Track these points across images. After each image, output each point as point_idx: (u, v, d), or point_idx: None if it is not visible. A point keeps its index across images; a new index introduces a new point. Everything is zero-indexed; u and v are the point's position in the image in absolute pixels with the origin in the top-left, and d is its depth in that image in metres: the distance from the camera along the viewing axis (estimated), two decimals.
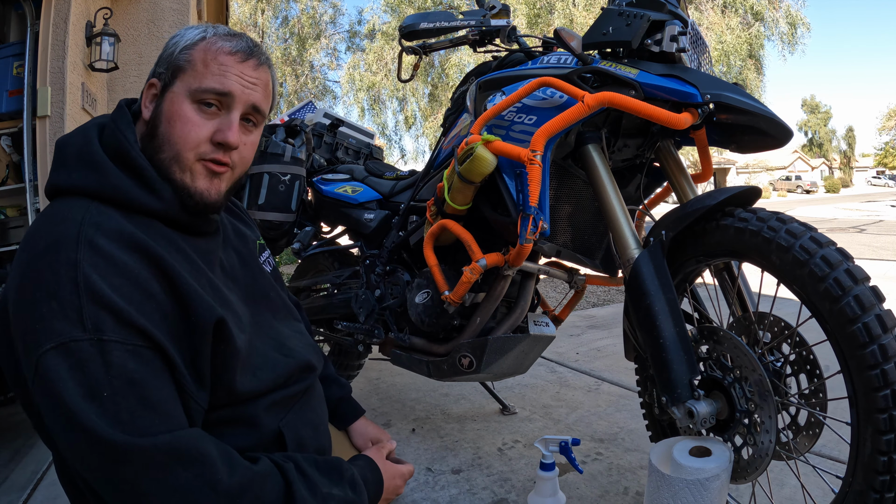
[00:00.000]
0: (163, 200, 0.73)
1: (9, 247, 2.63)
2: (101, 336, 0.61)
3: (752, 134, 1.19)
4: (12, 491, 1.60)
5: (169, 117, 0.75)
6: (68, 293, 0.62)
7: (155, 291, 0.67)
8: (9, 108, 2.60)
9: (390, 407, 2.16)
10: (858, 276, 0.89)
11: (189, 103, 0.75)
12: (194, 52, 0.76)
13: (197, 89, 0.75)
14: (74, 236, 0.65)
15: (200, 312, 0.69)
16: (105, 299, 0.62)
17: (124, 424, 0.60)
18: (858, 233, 9.10)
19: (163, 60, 0.78)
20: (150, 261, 0.68)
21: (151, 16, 3.29)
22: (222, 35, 0.79)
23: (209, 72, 0.75)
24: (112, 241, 0.66)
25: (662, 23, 1.17)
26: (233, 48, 0.77)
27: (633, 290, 1.10)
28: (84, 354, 0.60)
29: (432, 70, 15.61)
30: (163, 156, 0.75)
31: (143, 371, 0.63)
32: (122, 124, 0.76)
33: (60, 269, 0.63)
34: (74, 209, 0.69)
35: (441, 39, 1.60)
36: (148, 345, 0.64)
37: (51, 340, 0.60)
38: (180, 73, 0.76)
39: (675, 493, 0.92)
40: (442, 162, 1.60)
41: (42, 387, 0.61)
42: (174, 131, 0.75)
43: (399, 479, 0.91)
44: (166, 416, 0.63)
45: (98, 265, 0.64)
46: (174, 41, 0.79)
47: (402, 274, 1.65)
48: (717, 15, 12.95)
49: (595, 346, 2.97)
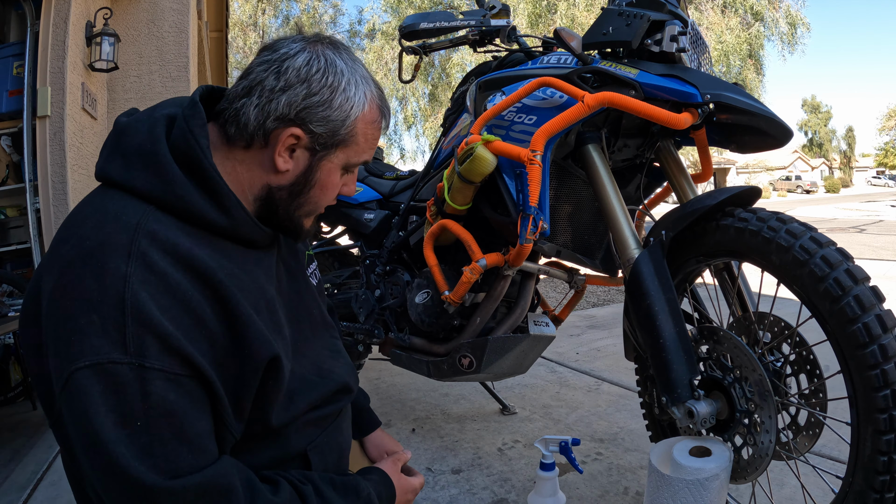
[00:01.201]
0: (231, 217, 0.69)
1: (9, 247, 2.63)
2: (143, 362, 0.57)
3: (752, 134, 1.19)
4: (12, 491, 1.60)
5: (324, 185, 0.75)
6: (113, 309, 0.57)
7: (206, 317, 0.62)
8: (9, 108, 2.61)
9: (390, 407, 2.16)
10: (858, 276, 0.89)
11: (340, 171, 0.76)
12: (359, 126, 0.74)
13: (355, 164, 0.77)
14: (126, 245, 0.60)
15: (255, 347, 0.66)
16: (152, 322, 0.58)
17: (155, 458, 0.57)
18: (858, 233, 9.10)
19: (324, 120, 0.71)
20: (205, 283, 0.63)
21: (151, 16, 3.29)
22: (381, 107, 0.77)
23: (367, 148, 0.77)
24: (167, 255, 0.61)
25: (662, 23, 1.17)
26: (384, 125, 0.78)
27: (633, 290, 1.10)
28: (122, 378, 0.56)
29: (432, 70, 15.61)
30: (302, 211, 0.77)
31: (182, 403, 0.59)
32: (195, 125, 0.69)
33: (107, 280, 0.58)
34: (129, 210, 0.63)
35: (441, 39, 1.60)
36: (191, 374, 0.60)
37: (87, 357, 0.56)
38: (343, 145, 0.74)
39: (674, 493, 0.92)
40: (442, 162, 1.60)
41: (71, 403, 0.57)
42: (324, 196, 0.77)
43: (410, 493, 0.89)
44: (200, 450, 0.60)
45: (149, 282, 0.59)
46: (343, 104, 0.72)
47: (402, 274, 1.64)
48: (717, 15, 12.94)
49: (595, 346, 2.97)
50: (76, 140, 2.68)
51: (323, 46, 0.73)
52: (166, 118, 0.70)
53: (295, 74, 0.70)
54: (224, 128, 0.72)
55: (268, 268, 0.77)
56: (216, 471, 0.61)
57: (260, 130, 0.70)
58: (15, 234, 2.64)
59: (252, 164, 0.73)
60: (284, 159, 0.72)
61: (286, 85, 0.70)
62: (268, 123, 0.70)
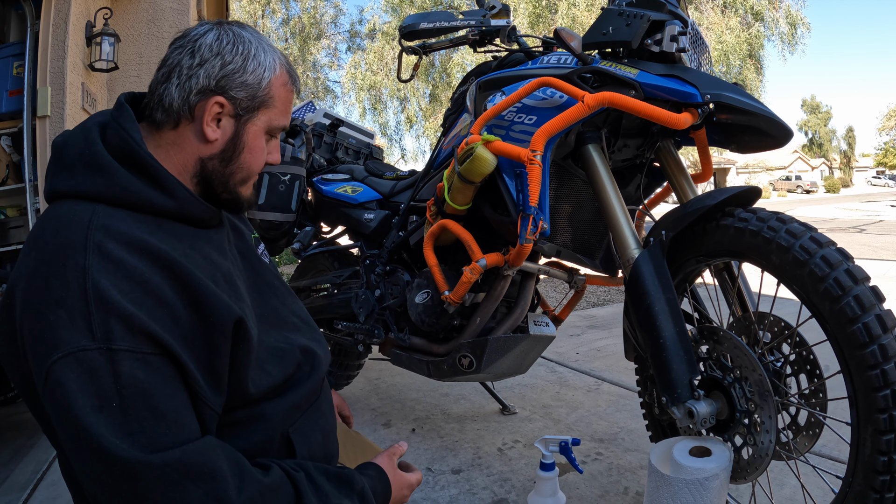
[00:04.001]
0: (176, 199, 0.73)
1: (9, 247, 2.63)
2: (110, 345, 0.60)
3: (752, 134, 1.19)
4: (12, 491, 1.60)
5: (251, 148, 0.79)
6: (76, 301, 0.60)
7: (167, 296, 0.65)
8: (9, 108, 2.61)
9: (390, 407, 2.16)
10: (858, 276, 0.89)
11: (264, 135, 0.81)
12: (274, 88, 0.79)
13: (276, 127, 0.81)
14: (82, 241, 0.63)
15: (219, 313, 0.69)
16: (114, 305, 0.61)
17: (134, 436, 0.59)
18: (858, 233, 9.10)
19: (242, 85, 0.77)
20: (161, 265, 0.66)
21: (151, 16, 3.29)
22: (288, 69, 0.82)
23: (284, 111, 0.81)
24: (121, 244, 0.65)
25: (662, 23, 1.17)
26: (295, 89, 0.83)
27: (633, 290, 1.10)
28: (93, 364, 0.59)
29: (433, 70, 15.61)
30: (236, 178, 0.79)
31: (153, 380, 0.61)
32: (125, 123, 0.74)
33: (68, 276, 0.61)
34: (80, 211, 0.67)
35: (441, 39, 1.60)
36: (158, 352, 0.63)
37: (59, 350, 0.59)
38: (263, 108, 0.79)
39: (674, 493, 0.92)
40: (442, 162, 1.60)
41: (52, 397, 0.59)
42: (254, 160, 0.80)
43: (407, 489, 0.90)
44: (177, 425, 0.62)
45: (107, 270, 0.62)
46: (259, 70, 0.78)
47: (402, 274, 1.64)
48: (717, 15, 12.94)
49: (595, 346, 2.97)
50: None
51: (228, 25, 0.80)
52: (98, 125, 0.75)
53: (208, 49, 0.76)
54: (152, 117, 0.77)
55: (219, 244, 0.80)
56: (199, 448, 0.62)
57: (185, 106, 0.75)
58: (15, 234, 2.63)
59: (183, 142, 0.77)
60: (213, 129, 0.77)
61: (202, 60, 0.76)
62: (191, 98, 0.75)
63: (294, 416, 0.82)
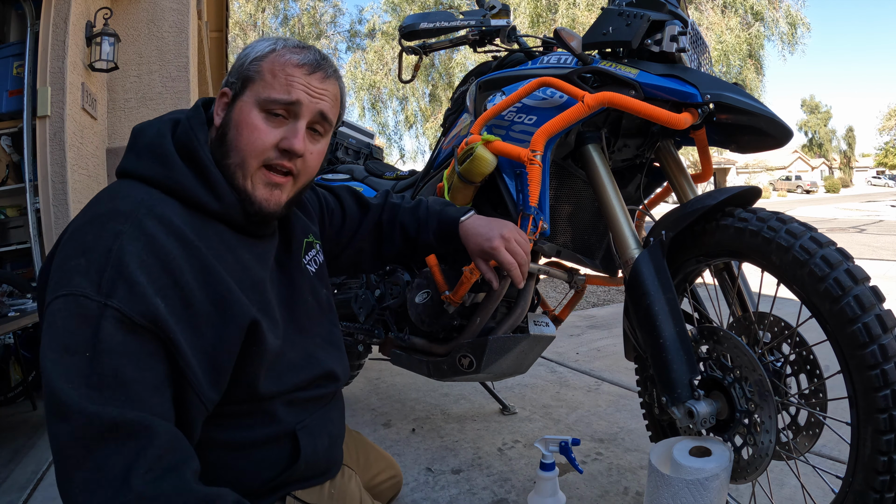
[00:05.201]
0: (222, 202, 0.76)
1: (9, 247, 2.63)
2: (107, 301, 0.62)
3: (752, 134, 1.19)
4: (12, 491, 1.60)
5: (237, 124, 0.78)
6: (99, 255, 0.64)
7: (184, 280, 0.67)
8: (9, 108, 2.61)
9: (390, 407, 2.16)
10: (858, 275, 0.88)
11: (257, 112, 0.78)
12: (263, 63, 0.79)
13: (266, 99, 0.78)
14: (127, 213, 0.68)
15: (235, 311, 0.71)
16: (128, 270, 0.63)
17: (90, 389, 0.59)
18: (858, 233, 9.10)
19: (234, 70, 0.81)
20: (189, 252, 0.69)
21: (151, 16, 3.29)
22: (291, 48, 0.81)
23: (277, 82, 0.78)
24: (160, 224, 0.68)
25: (662, 23, 1.16)
26: (300, 60, 0.80)
27: (633, 290, 1.10)
28: (86, 311, 0.61)
29: (433, 70, 15.61)
30: (229, 161, 0.78)
31: (130, 348, 0.62)
32: (195, 123, 0.79)
33: (103, 235, 0.65)
34: (136, 190, 0.72)
35: (441, 39, 1.59)
36: (149, 326, 0.63)
37: (66, 289, 0.63)
38: (250, 83, 0.79)
39: (674, 493, 0.92)
40: (442, 162, 1.60)
41: (42, 328, 0.63)
42: (241, 138, 0.77)
43: None
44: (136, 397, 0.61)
45: (137, 239, 0.66)
46: (245, 53, 0.82)
47: (401, 274, 1.64)
48: (717, 15, 12.94)
49: (595, 346, 2.97)
50: (76, 140, 2.68)
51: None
52: (172, 121, 0.81)
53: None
54: None
55: (260, 255, 0.82)
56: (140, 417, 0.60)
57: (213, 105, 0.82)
58: (15, 234, 2.64)
59: None
60: (219, 116, 0.80)
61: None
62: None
63: (302, 417, 0.83)
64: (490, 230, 1.06)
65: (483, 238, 1.05)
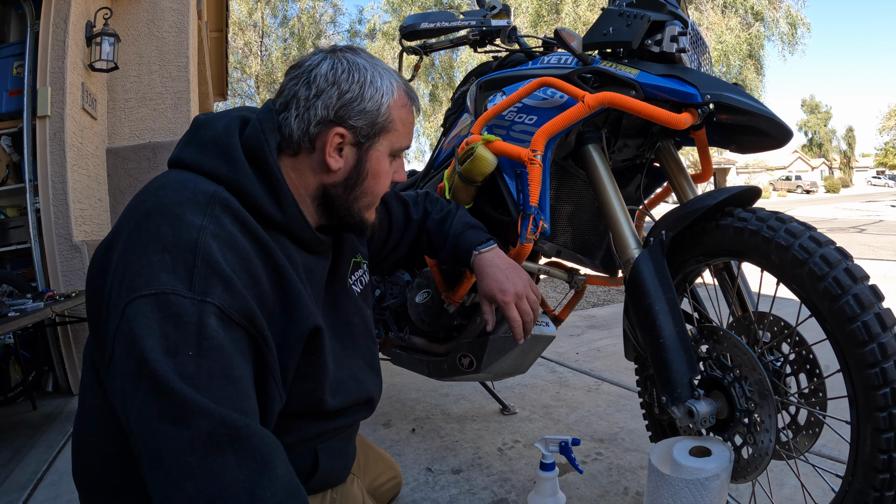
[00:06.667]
0: (285, 214, 0.74)
1: (9, 247, 2.63)
2: (205, 298, 0.60)
3: (752, 134, 1.19)
4: (12, 491, 1.60)
5: (375, 174, 0.80)
6: (185, 251, 0.61)
7: (262, 280, 0.67)
8: (9, 108, 2.61)
9: (390, 407, 2.16)
10: (858, 274, 0.89)
11: (388, 159, 0.82)
12: (393, 112, 0.79)
13: (399, 149, 0.82)
14: (204, 205, 0.65)
15: (302, 314, 0.70)
16: (219, 267, 0.62)
17: (200, 389, 0.56)
18: (858, 233, 9.11)
19: (361, 113, 0.77)
20: (265, 253, 0.69)
21: (151, 16, 3.29)
22: (408, 92, 0.83)
23: (406, 133, 0.82)
24: (237, 222, 0.67)
25: (662, 23, 1.17)
26: (415, 107, 0.84)
27: (633, 290, 1.10)
28: (183, 310, 0.58)
29: (433, 70, 15.60)
30: (360, 203, 0.81)
31: (231, 345, 0.61)
32: (266, 127, 0.75)
33: (183, 228, 0.62)
34: (206, 184, 0.69)
35: (441, 40, 1.60)
36: (243, 323, 0.63)
37: (151, 287, 0.59)
38: (384, 132, 0.79)
39: (675, 493, 0.93)
40: (442, 162, 1.60)
41: (125, 332, 0.58)
42: (378, 185, 0.81)
43: None
44: (245, 395, 0.60)
45: (219, 237, 0.64)
46: (374, 95, 0.77)
47: (402, 274, 1.65)
48: (717, 15, 12.95)
49: (595, 346, 2.97)
50: (76, 140, 2.68)
51: (342, 52, 0.79)
52: (240, 118, 0.77)
53: (324, 80, 0.76)
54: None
55: (312, 272, 0.80)
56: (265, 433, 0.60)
57: (305, 137, 0.76)
58: (15, 234, 2.64)
59: (303, 169, 0.78)
60: (335, 159, 0.77)
61: (318, 91, 0.76)
62: (311, 129, 0.76)
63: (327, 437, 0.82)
64: (507, 281, 1.02)
65: (497, 288, 1.02)
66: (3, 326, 1.73)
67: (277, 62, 19.22)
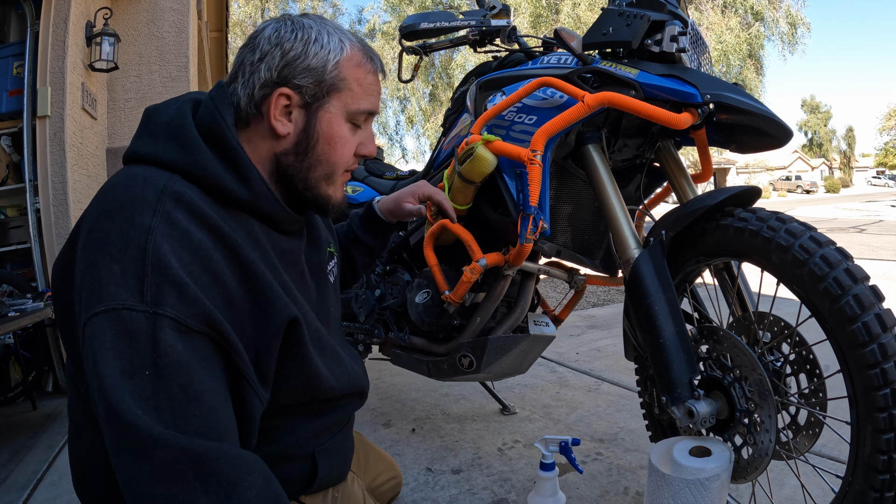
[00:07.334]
0: (252, 191, 0.70)
1: (9, 247, 2.63)
2: (157, 310, 0.56)
3: (752, 134, 1.19)
4: (12, 491, 1.60)
5: (329, 138, 0.74)
6: (133, 259, 0.57)
7: (225, 277, 0.62)
8: (9, 108, 2.61)
9: (390, 407, 2.16)
10: (858, 275, 0.89)
11: (345, 123, 0.76)
12: (344, 70, 0.74)
13: (356, 111, 0.76)
14: (152, 203, 0.61)
15: (275, 307, 0.66)
16: (171, 272, 0.57)
17: (161, 411, 0.54)
18: (858, 233, 9.10)
19: (305, 71, 0.73)
20: (225, 245, 0.64)
21: (151, 16, 3.29)
22: (361, 48, 0.77)
23: (364, 92, 0.76)
24: (191, 216, 0.62)
25: (662, 23, 1.17)
26: (374, 67, 0.78)
27: (633, 290, 1.10)
28: (135, 326, 0.55)
29: (433, 70, 15.60)
30: (315, 173, 0.75)
31: (191, 357, 0.57)
32: (220, 103, 0.72)
33: (131, 233, 0.58)
34: (156, 176, 0.64)
35: (441, 39, 1.59)
36: (205, 330, 0.59)
37: (103, 303, 0.56)
38: (335, 92, 0.74)
39: (675, 493, 0.92)
40: (442, 162, 1.60)
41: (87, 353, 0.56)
42: (335, 152, 0.75)
43: None
44: (209, 410, 0.57)
45: (171, 236, 0.59)
46: (319, 52, 0.73)
47: (402, 274, 1.65)
48: (717, 15, 12.94)
49: (595, 346, 2.97)
50: (76, 140, 2.68)
51: (290, 16, 0.76)
52: (192, 101, 0.74)
53: (267, 42, 0.73)
54: None
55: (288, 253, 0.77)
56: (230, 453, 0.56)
57: (251, 104, 0.73)
58: (15, 234, 2.64)
59: (255, 139, 0.74)
60: (283, 123, 0.74)
61: (262, 54, 0.73)
62: (255, 94, 0.72)
63: (323, 437, 0.80)
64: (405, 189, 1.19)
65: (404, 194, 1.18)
66: (3, 326, 1.73)
67: None
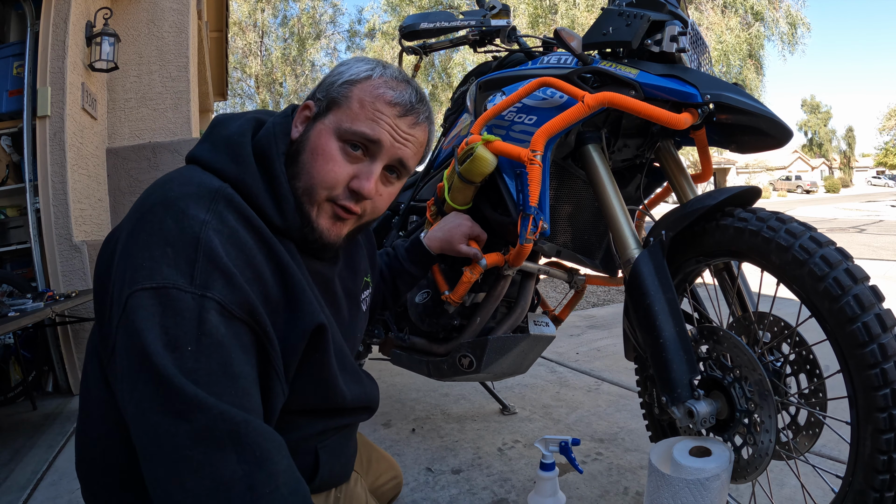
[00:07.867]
0: (285, 220, 0.72)
1: (9, 247, 2.63)
2: (205, 292, 0.59)
3: (752, 134, 1.19)
4: (12, 491, 1.60)
5: (313, 149, 0.73)
6: (187, 245, 0.61)
7: (265, 276, 0.66)
8: (9, 108, 2.61)
9: (390, 407, 2.16)
10: (858, 275, 0.88)
11: (335, 141, 0.73)
12: (355, 89, 0.74)
13: (347, 129, 0.73)
14: (207, 201, 0.65)
15: (306, 311, 0.69)
16: (221, 261, 0.61)
17: (199, 384, 0.56)
18: (858, 233, 9.10)
19: (324, 86, 0.77)
20: (267, 248, 0.68)
21: (151, 16, 3.30)
22: (389, 79, 0.76)
23: (363, 114, 0.73)
24: (240, 218, 0.67)
25: (662, 23, 1.16)
26: (394, 98, 0.74)
27: (633, 290, 1.10)
28: (182, 305, 0.58)
29: (432, 70, 15.60)
30: (298, 184, 0.74)
31: (232, 340, 0.60)
32: (279, 132, 0.75)
33: (185, 223, 0.62)
34: (212, 180, 0.69)
35: (441, 39, 1.60)
36: (245, 318, 0.62)
37: (153, 280, 0.59)
38: (335, 107, 0.74)
39: (675, 493, 0.92)
40: (442, 162, 1.60)
41: (126, 325, 0.58)
42: (315, 165, 0.73)
43: None
44: (245, 392, 0.60)
45: (221, 232, 0.63)
46: (339, 70, 0.77)
47: None
48: (717, 15, 12.95)
49: (595, 346, 2.97)
50: (76, 140, 2.68)
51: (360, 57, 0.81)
52: (255, 120, 0.78)
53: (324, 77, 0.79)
54: None
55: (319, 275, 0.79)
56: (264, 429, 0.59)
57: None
58: (15, 234, 2.64)
59: None
60: (296, 129, 0.77)
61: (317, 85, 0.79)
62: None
63: (327, 436, 0.82)
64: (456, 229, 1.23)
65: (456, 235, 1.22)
66: (3, 326, 1.73)
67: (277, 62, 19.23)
